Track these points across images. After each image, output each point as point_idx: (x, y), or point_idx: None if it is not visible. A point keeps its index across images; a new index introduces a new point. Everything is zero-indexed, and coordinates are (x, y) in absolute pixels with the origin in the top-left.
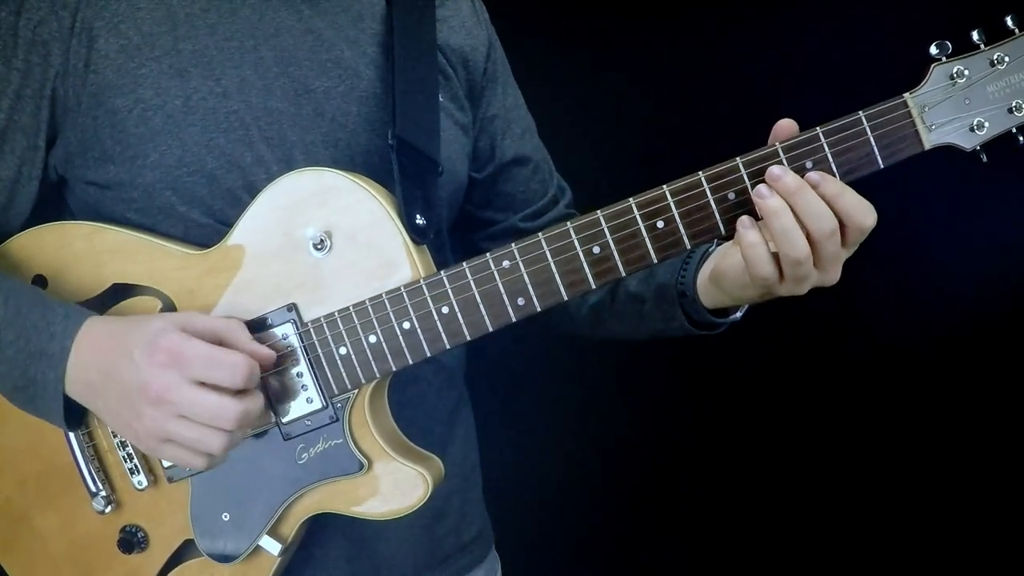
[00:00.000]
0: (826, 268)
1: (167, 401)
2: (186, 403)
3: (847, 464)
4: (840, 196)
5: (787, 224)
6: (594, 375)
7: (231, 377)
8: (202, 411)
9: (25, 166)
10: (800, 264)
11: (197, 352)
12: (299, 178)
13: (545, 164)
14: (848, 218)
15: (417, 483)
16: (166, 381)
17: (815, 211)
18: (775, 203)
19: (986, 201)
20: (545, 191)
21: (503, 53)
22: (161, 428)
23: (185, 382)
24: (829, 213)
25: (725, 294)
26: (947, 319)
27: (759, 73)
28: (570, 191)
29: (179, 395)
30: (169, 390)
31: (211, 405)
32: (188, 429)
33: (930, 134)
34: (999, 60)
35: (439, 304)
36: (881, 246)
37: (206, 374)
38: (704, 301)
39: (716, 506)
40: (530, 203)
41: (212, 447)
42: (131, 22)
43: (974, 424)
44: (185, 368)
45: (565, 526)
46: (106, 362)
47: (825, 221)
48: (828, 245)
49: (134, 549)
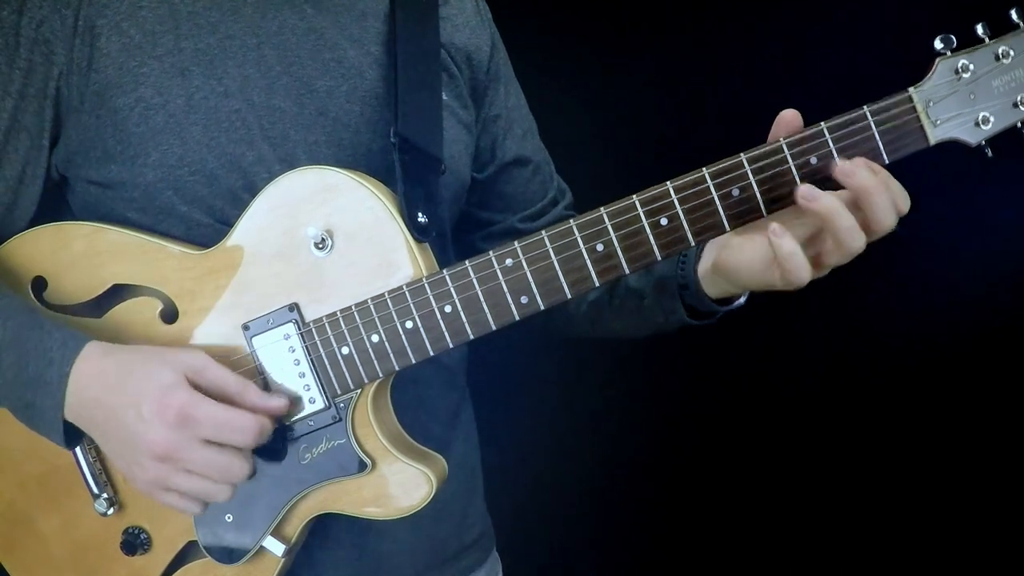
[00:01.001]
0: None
1: (175, 459)
2: (194, 462)
3: (848, 465)
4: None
5: (849, 223)
6: (596, 376)
7: (242, 440)
8: (211, 471)
9: (29, 166)
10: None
11: (208, 415)
12: (300, 177)
13: (546, 165)
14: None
15: (421, 482)
16: (175, 441)
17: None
18: (828, 201)
19: (991, 197)
20: (545, 192)
21: (505, 52)
22: (164, 481)
23: (195, 442)
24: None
25: (736, 286)
26: (950, 319)
27: (763, 68)
28: (570, 193)
29: (188, 455)
30: (178, 450)
31: (220, 465)
32: (193, 483)
33: (935, 129)
34: (1004, 54)
35: (442, 303)
36: (884, 244)
37: (216, 436)
38: (708, 291)
39: (717, 507)
40: (530, 204)
41: (216, 499)
42: (133, 21)
43: (974, 426)
44: (196, 429)
45: (566, 527)
46: (111, 404)
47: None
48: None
49: (137, 551)
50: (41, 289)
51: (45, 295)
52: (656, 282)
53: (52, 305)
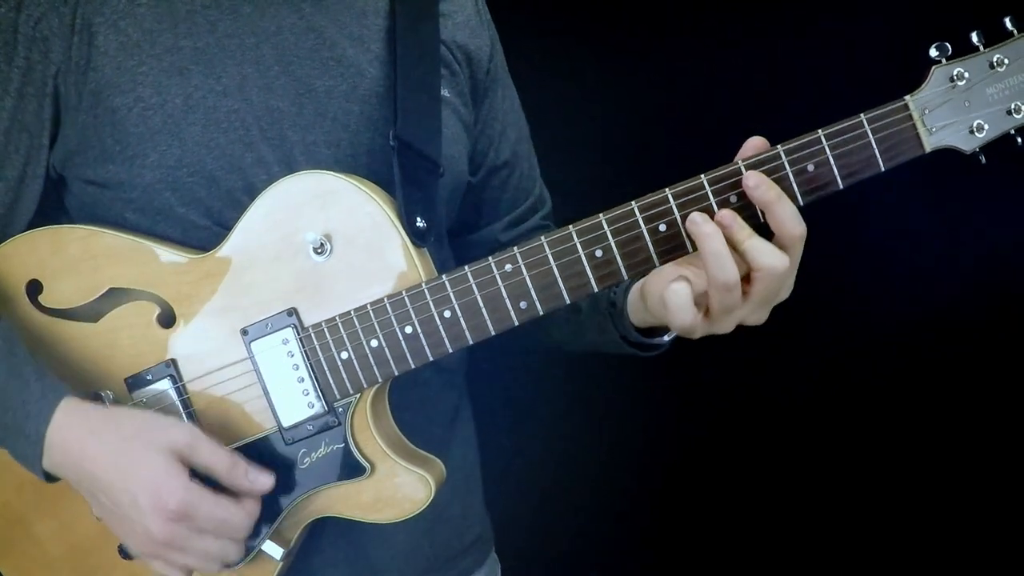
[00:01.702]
0: (756, 305)
1: (175, 548)
2: (192, 550)
3: (849, 465)
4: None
5: (719, 248)
6: (594, 377)
7: (236, 535)
8: (211, 555)
9: (30, 165)
10: (730, 290)
11: (207, 514)
12: (298, 181)
13: (531, 171)
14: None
15: (419, 486)
16: (174, 533)
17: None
18: (707, 228)
19: (986, 204)
20: (527, 197)
21: (503, 54)
22: (161, 556)
23: (193, 532)
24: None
25: (648, 311)
26: (945, 324)
27: (760, 75)
28: (551, 204)
29: (187, 543)
30: (176, 539)
31: (217, 552)
32: (188, 560)
33: (931, 137)
34: (999, 62)
35: (441, 308)
36: (879, 248)
37: (215, 532)
38: (632, 317)
39: (717, 507)
40: (512, 209)
41: (208, 572)
42: (131, 19)
43: (971, 430)
44: (194, 524)
45: (565, 529)
46: (100, 479)
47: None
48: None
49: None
50: (37, 293)
51: (40, 299)
52: (591, 298)
53: (48, 309)
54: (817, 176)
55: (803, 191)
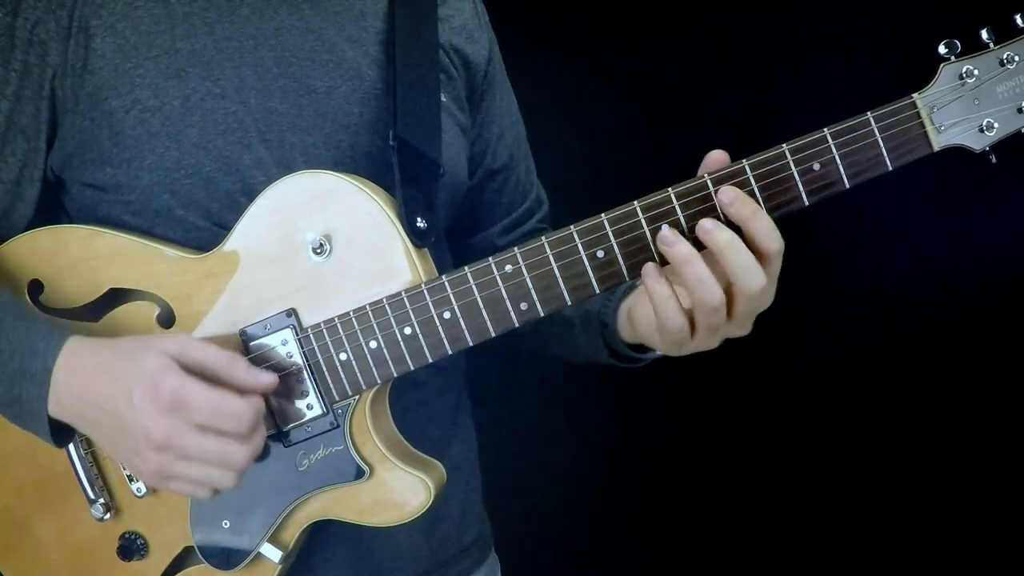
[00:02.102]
0: (739, 319)
1: (172, 447)
2: (193, 448)
3: (848, 467)
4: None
5: (699, 272)
6: (594, 377)
7: (237, 426)
8: (210, 456)
9: (27, 168)
10: (717, 311)
11: (201, 400)
12: (297, 181)
13: (527, 175)
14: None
15: (419, 489)
16: (170, 428)
17: (745, 265)
18: (683, 250)
19: (991, 203)
20: (523, 200)
21: (501, 57)
22: (166, 469)
23: (190, 428)
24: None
25: (636, 334)
26: (943, 324)
27: (766, 74)
28: (548, 207)
29: (185, 440)
30: (173, 436)
31: (218, 450)
32: (195, 469)
33: (939, 135)
34: (1008, 59)
35: (441, 309)
36: (877, 248)
37: (211, 422)
38: (623, 334)
39: (717, 507)
40: (509, 212)
41: (221, 485)
42: (128, 21)
43: (971, 431)
44: (190, 415)
45: (565, 528)
46: (100, 395)
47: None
48: (747, 298)
49: (133, 556)
50: (37, 292)
51: (41, 299)
52: (584, 314)
53: (48, 309)
54: (823, 175)
55: (809, 191)
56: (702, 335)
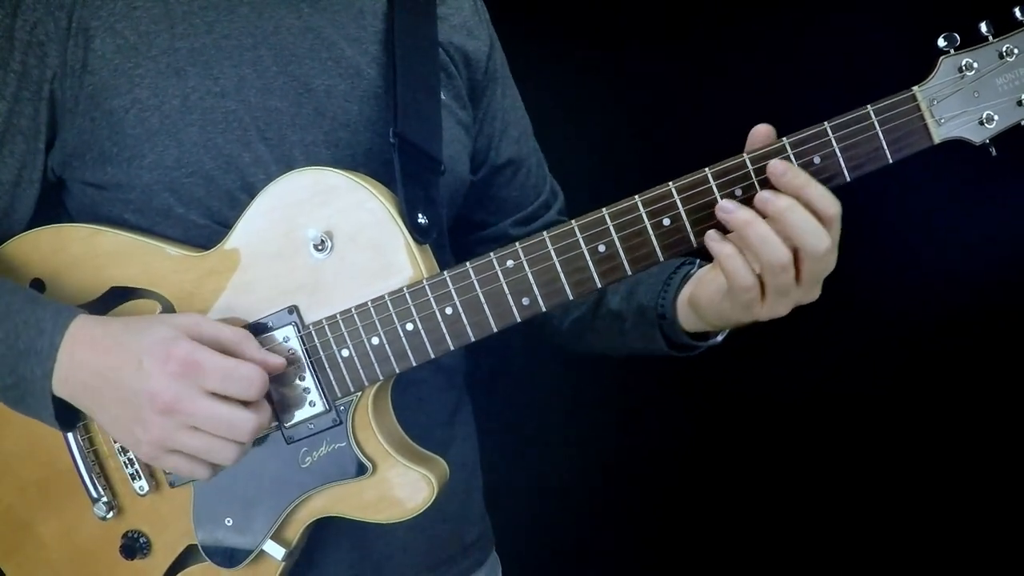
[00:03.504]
0: (807, 282)
1: (179, 411)
2: (200, 415)
3: (851, 464)
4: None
5: (763, 231)
6: (595, 376)
7: (246, 390)
8: (216, 424)
9: (25, 169)
10: (785, 270)
11: (213, 363)
12: (299, 178)
13: (539, 168)
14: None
15: (421, 486)
16: (179, 391)
17: (806, 228)
18: (745, 215)
19: (994, 196)
20: (537, 195)
21: (502, 53)
22: (169, 438)
23: (199, 393)
24: (819, 229)
25: (703, 320)
26: (946, 319)
27: (765, 68)
28: (563, 196)
29: (193, 406)
30: (181, 400)
31: (226, 417)
32: (198, 440)
33: (939, 128)
34: (1008, 52)
35: (443, 305)
36: (879, 243)
37: (222, 386)
38: (684, 324)
39: (717, 507)
40: (522, 207)
41: (223, 459)
42: (128, 21)
43: (972, 429)
44: (200, 379)
45: (565, 528)
46: (105, 364)
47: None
48: (813, 261)
49: (136, 555)
50: (39, 292)
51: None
52: (637, 308)
53: None
54: (823, 169)
55: None
56: (771, 299)
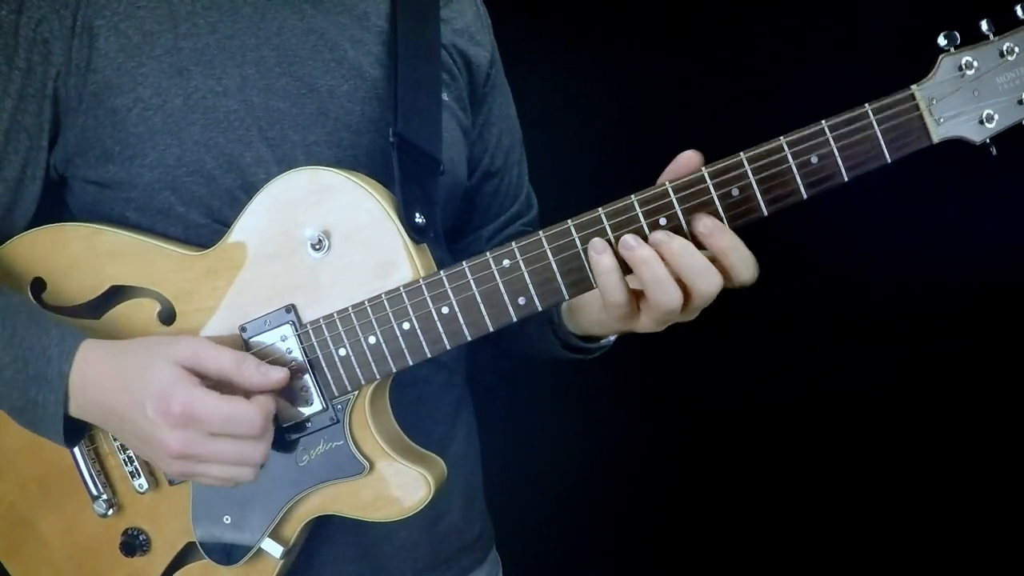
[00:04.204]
0: (693, 311)
1: (191, 456)
2: (209, 455)
3: (849, 464)
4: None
5: (658, 273)
6: (595, 375)
7: (249, 430)
8: (227, 457)
9: (29, 166)
10: (672, 313)
11: (211, 413)
12: (296, 177)
13: (519, 179)
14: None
15: (419, 484)
16: (185, 440)
17: (690, 264)
18: (645, 252)
19: (992, 195)
20: (513, 203)
21: (501, 62)
22: (190, 472)
23: (204, 436)
24: (705, 264)
25: (585, 326)
26: (942, 320)
27: (764, 67)
28: (537, 210)
29: (200, 449)
30: (190, 447)
31: (234, 452)
32: (216, 470)
33: (939, 127)
34: (1008, 51)
35: (439, 304)
36: (874, 243)
37: (223, 430)
38: (569, 327)
39: (717, 507)
40: (499, 215)
41: (243, 479)
42: (132, 21)
43: (971, 429)
44: (201, 426)
45: (566, 527)
46: (116, 404)
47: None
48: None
49: (136, 552)
50: (40, 290)
51: (44, 296)
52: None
53: (50, 306)
54: (821, 168)
55: (807, 183)
56: (645, 321)
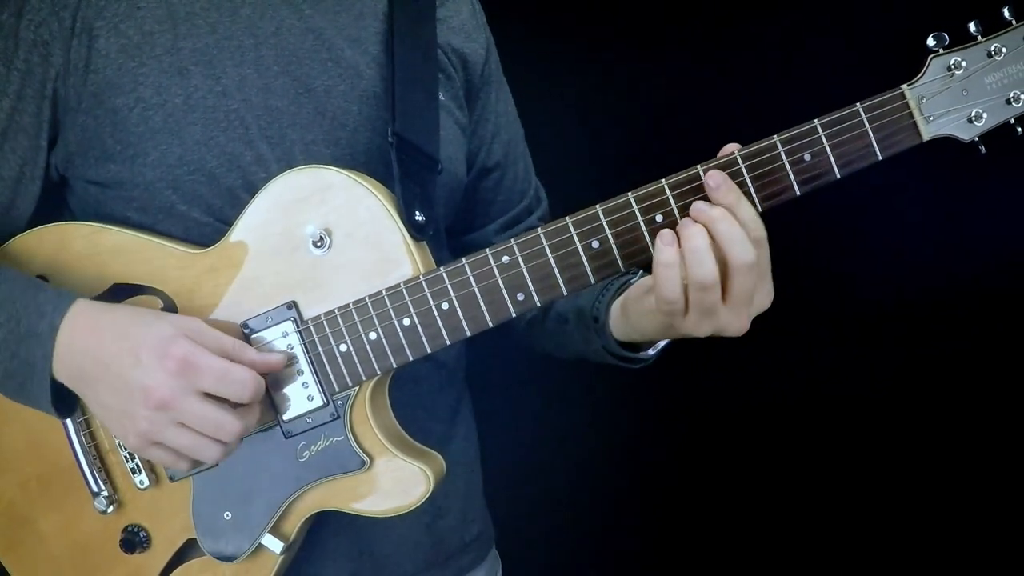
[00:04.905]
0: (735, 306)
1: (170, 408)
2: (189, 413)
3: (848, 467)
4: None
5: (700, 244)
6: (595, 374)
7: (240, 393)
8: (204, 424)
9: (27, 166)
10: (707, 289)
11: (209, 365)
12: (298, 176)
13: (526, 173)
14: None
15: (419, 480)
16: (172, 389)
17: (733, 237)
18: (693, 225)
19: (989, 195)
20: (521, 198)
21: (497, 56)
22: (156, 432)
23: (192, 392)
24: (746, 242)
25: (629, 325)
26: (941, 320)
27: (756, 67)
28: (547, 204)
29: (183, 404)
30: (174, 398)
31: (214, 419)
32: (184, 437)
33: (928, 125)
34: (996, 51)
35: (439, 300)
36: (873, 242)
37: (216, 387)
38: (615, 331)
39: (717, 507)
40: (506, 211)
41: (206, 457)
42: (131, 21)
43: (971, 429)
44: (195, 379)
45: (566, 525)
46: (104, 353)
47: (739, 248)
48: (739, 276)
49: (136, 549)
50: None
51: None
52: (577, 310)
53: None
54: (814, 166)
55: (800, 181)
56: (694, 316)
